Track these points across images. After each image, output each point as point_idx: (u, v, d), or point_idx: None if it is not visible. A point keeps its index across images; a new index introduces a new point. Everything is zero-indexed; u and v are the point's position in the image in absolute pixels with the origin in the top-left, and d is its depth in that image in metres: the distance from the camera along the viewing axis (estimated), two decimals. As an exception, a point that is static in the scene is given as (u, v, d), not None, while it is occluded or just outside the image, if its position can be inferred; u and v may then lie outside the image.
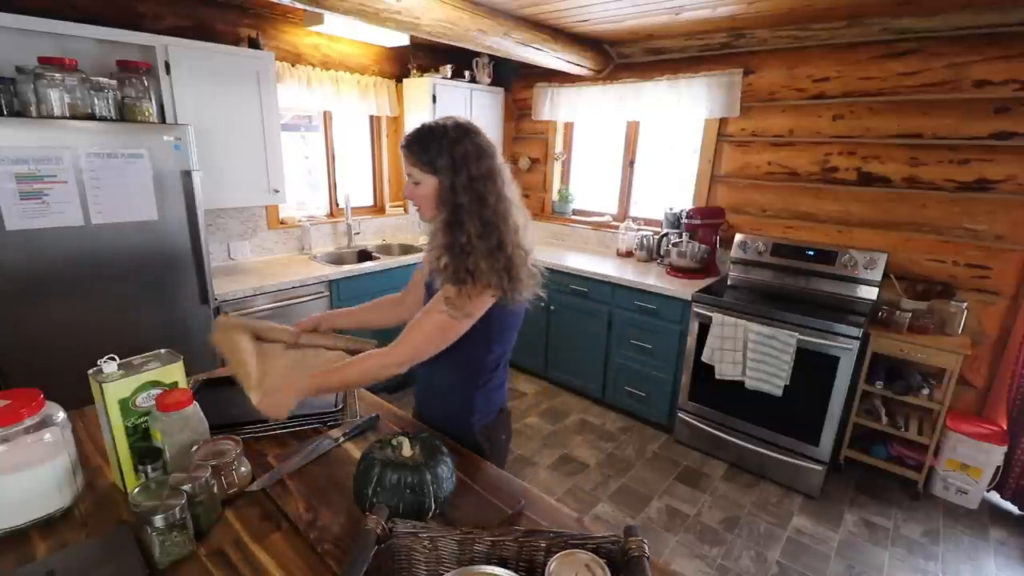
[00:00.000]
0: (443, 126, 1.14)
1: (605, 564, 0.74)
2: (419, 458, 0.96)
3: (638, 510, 2.42)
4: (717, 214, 3.08)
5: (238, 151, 2.58)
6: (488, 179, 1.12)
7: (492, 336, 1.21)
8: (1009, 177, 2.34)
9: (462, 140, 1.12)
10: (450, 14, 2.32)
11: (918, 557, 2.18)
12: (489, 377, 1.27)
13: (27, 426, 0.90)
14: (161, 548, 0.83)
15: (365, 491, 0.92)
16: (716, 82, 3.00)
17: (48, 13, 2.01)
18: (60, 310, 1.93)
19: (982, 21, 2.25)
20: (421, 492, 0.91)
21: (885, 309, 2.52)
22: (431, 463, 0.95)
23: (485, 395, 1.28)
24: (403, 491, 0.90)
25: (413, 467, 0.93)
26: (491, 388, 1.29)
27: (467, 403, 1.27)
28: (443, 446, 1.02)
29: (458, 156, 1.11)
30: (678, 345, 2.86)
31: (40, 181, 1.80)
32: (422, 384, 1.35)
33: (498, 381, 1.31)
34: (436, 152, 1.11)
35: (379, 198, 3.82)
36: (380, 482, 0.91)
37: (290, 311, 2.70)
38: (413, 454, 0.98)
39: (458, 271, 1.09)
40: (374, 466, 0.93)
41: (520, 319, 1.26)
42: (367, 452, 0.97)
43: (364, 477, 0.93)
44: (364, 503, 0.92)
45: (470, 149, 1.12)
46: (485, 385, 1.27)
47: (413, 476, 0.91)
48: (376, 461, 0.94)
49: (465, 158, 1.11)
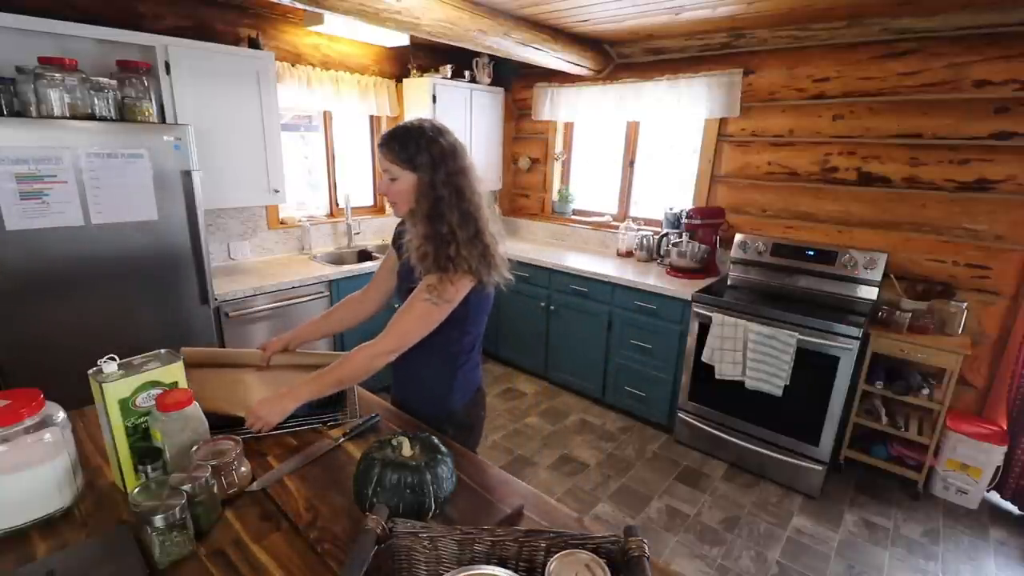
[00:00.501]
0: (419, 126, 1.20)
1: (605, 564, 0.74)
2: (419, 458, 0.96)
3: (638, 510, 2.42)
4: (717, 214, 3.08)
5: (238, 151, 2.58)
6: (463, 174, 1.21)
7: (468, 319, 1.29)
8: (1009, 177, 2.35)
9: (438, 139, 1.19)
10: (450, 14, 2.32)
11: (918, 557, 2.18)
12: (467, 358, 1.37)
13: (27, 426, 0.90)
14: (161, 548, 0.83)
15: (365, 491, 0.92)
16: (716, 82, 3.00)
17: (48, 13, 2.01)
18: (60, 310, 1.93)
19: (982, 21, 2.25)
20: (421, 492, 0.91)
21: (885, 309, 2.52)
22: (431, 463, 0.95)
23: (464, 375, 1.37)
24: (403, 491, 0.90)
25: (413, 467, 0.93)
26: (468, 368, 1.38)
27: (448, 384, 1.35)
28: (443, 446, 1.02)
29: (436, 153, 1.18)
30: (678, 345, 2.86)
31: (40, 181, 1.80)
32: (401, 371, 1.39)
33: (474, 362, 1.41)
34: (415, 150, 1.18)
35: (379, 198, 3.82)
36: (380, 482, 0.91)
37: (290, 311, 2.70)
38: (413, 454, 0.98)
39: (439, 259, 1.17)
40: (374, 466, 0.93)
41: (491, 302, 1.35)
42: (367, 452, 0.97)
43: (364, 477, 0.93)
44: (364, 503, 0.92)
45: (446, 147, 1.20)
46: (463, 366, 1.36)
47: (413, 476, 0.91)
48: (376, 461, 0.94)
49: (443, 155, 1.19)
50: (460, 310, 1.22)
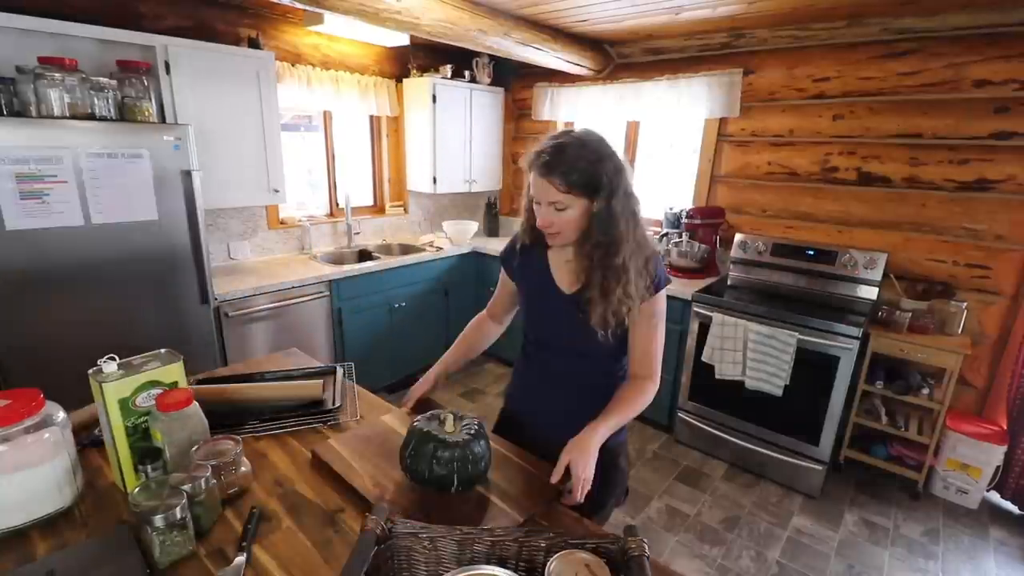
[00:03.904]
0: (584, 142, 1.05)
1: (605, 564, 0.74)
2: (459, 434, 1.03)
3: (638, 510, 2.41)
4: (717, 214, 3.08)
5: (238, 151, 2.58)
6: (634, 196, 1.09)
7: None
8: (1009, 177, 2.34)
9: (612, 155, 1.06)
10: (450, 14, 2.32)
11: (918, 557, 2.18)
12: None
13: (27, 426, 0.90)
14: (161, 548, 0.83)
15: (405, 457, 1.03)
16: (716, 82, 3.00)
17: (48, 13, 2.01)
18: (60, 310, 1.93)
19: (982, 21, 2.25)
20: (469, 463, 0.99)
21: (885, 309, 2.51)
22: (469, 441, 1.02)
23: None
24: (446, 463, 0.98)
25: (453, 443, 1.00)
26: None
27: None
28: (484, 427, 1.08)
29: (609, 174, 1.04)
30: (678, 345, 2.86)
31: (40, 181, 1.79)
32: (562, 406, 1.26)
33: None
34: (592, 172, 1.04)
35: (379, 198, 3.82)
36: (419, 452, 1.00)
37: (290, 311, 2.70)
38: (455, 430, 1.04)
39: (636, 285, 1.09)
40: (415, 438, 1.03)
41: None
42: (413, 425, 1.06)
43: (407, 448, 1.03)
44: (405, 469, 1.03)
45: (617, 164, 1.06)
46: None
47: (452, 451, 0.99)
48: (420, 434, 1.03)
49: (616, 174, 1.05)
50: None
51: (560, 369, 1.27)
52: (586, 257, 1.11)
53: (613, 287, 1.08)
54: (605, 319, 1.11)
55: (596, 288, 1.10)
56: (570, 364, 1.25)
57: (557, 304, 1.21)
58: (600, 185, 1.04)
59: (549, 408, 1.30)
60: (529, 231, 1.22)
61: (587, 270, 1.12)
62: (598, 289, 1.09)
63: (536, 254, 1.24)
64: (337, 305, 2.90)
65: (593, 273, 1.10)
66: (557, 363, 1.28)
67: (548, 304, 1.23)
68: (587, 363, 1.24)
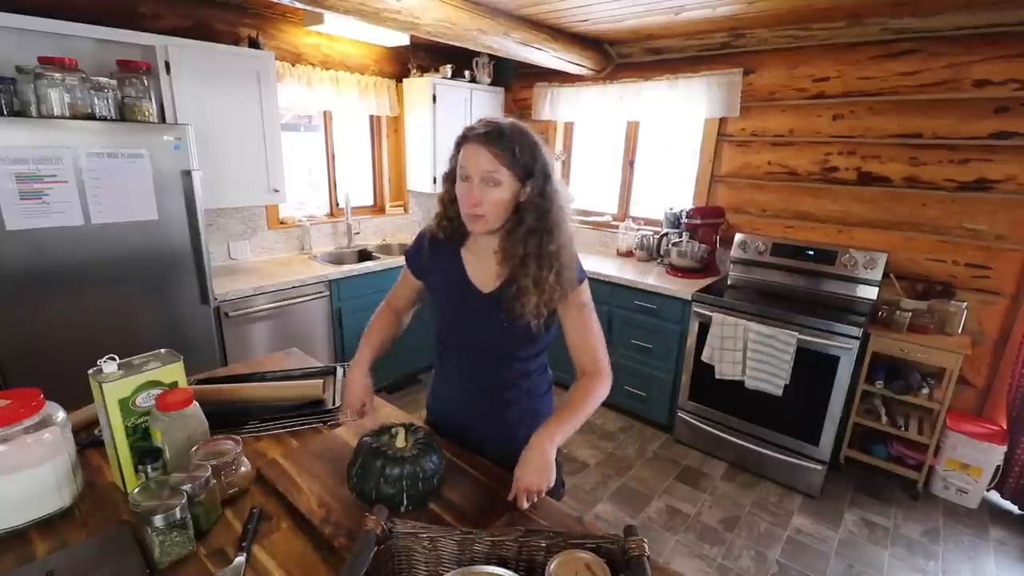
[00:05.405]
0: (520, 127, 1.05)
1: (605, 564, 0.74)
2: (410, 450, 1.01)
3: (638, 510, 2.42)
4: (717, 214, 3.08)
5: (238, 151, 2.58)
6: (564, 188, 1.10)
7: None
8: (1009, 177, 2.34)
9: (540, 144, 1.06)
10: (450, 14, 2.32)
11: (918, 557, 2.18)
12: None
13: (27, 426, 0.90)
14: (161, 548, 0.83)
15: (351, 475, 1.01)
16: (716, 82, 3.00)
17: (48, 13, 2.01)
18: (60, 310, 1.93)
19: (981, 21, 2.25)
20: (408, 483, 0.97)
21: (885, 309, 2.51)
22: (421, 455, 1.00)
23: (549, 400, 1.33)
24: (394, 481, 0.96)
25: (404, 459, 0.98)
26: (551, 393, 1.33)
27: (547, 414, 1.27)
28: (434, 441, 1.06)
29: (543, 159, 1.05)
30: (678, 345, 2.86)
31: (40, 181, 1.80)
32: (486, 409, 1.25)
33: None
34: (530, 154, 1.03)
35: (379, 198, 3.82)
36: (366, 469, 0.98)
37: (290, 311, 2.70)
38: (406, 446, 1.02)
39: (565, 278, 1.09)
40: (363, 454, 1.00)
41: None
42: (362, 439, 1.04)
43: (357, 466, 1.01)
44: (352, 487, 1.00)
45: (548, 155, 1.06)
46: (550, 388, 1.33)
47: (403, 467, 0.97)
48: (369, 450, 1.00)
49: (548, 164, 1.06)
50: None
51: (479, 371, 1.23)
52: (518, 244, 1.06)
53: (546, 275, 1.06)
54: (538, 309, 1.08)
55: (529, 277, 1.06)
56: (489, 365, 1.22)
57: (474, 304, 1.16)
58: (534, 170, 1.03)
59: (476, 412, 1.27)
60: (444, 225, 1.16)
61: (518, 258, 1.07)
62: (531, 278, 1.06)
63: (448, 252, 1.19)
64: (337, 305, 2.90)
65: (527, 261, 1.06)
66: (476, 365, 1.23)
67: (464, 305, 1.18)
68: (507, 364, 1.21)
